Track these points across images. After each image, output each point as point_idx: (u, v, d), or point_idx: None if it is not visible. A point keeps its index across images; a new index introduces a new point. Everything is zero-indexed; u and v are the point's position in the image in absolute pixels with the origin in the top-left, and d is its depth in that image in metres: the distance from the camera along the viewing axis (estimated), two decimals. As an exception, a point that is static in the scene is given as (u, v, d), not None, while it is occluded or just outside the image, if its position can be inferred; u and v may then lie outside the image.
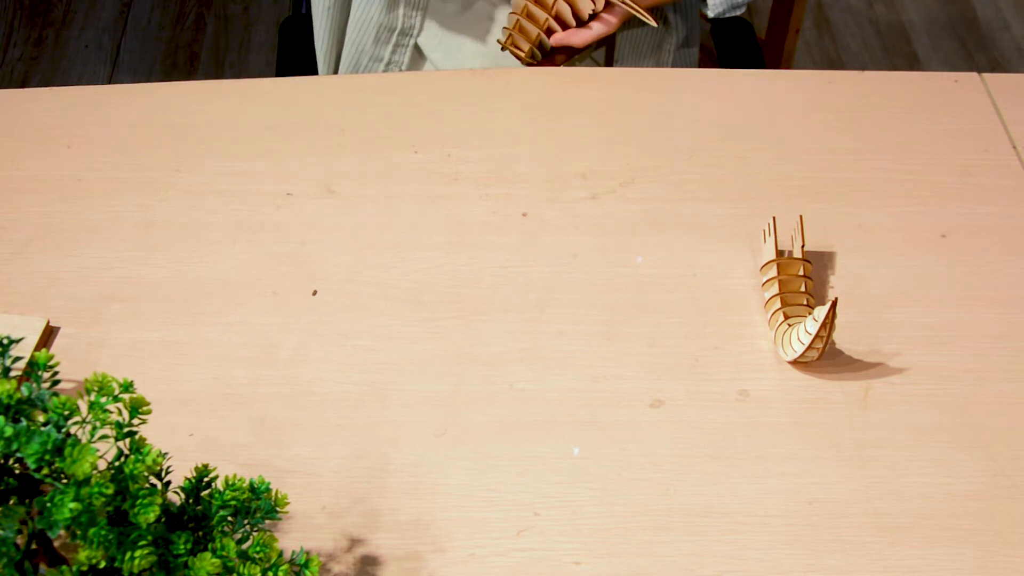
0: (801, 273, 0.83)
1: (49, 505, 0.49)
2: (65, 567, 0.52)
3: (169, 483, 0.58)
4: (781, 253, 0.85)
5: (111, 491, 0.50)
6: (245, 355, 0.80)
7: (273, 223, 0.89)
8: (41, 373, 0.55)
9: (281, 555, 0.57)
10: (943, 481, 0.74)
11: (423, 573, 0.69)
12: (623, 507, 0.72)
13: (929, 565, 0.69)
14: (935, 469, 0.74)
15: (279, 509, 0.58)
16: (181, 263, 0.87)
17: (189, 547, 0.54)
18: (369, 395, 0.78)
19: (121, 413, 0.55)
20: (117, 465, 0.53)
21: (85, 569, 0.51)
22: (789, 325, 0.79)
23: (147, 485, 0.53)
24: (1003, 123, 1.00)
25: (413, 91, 1.02)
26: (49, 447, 0.49)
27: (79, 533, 0.50)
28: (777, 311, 0.81)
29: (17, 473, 0.52)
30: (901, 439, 0.76)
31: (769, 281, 0.83)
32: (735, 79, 1.04)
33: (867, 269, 0.87)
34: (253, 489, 0.58)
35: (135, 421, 0.55)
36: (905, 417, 0.77)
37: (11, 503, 0.51)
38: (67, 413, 0.52)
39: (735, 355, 0.81)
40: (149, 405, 0.55)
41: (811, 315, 0.76)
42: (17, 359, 0.57)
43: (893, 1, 2.30)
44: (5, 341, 0.57)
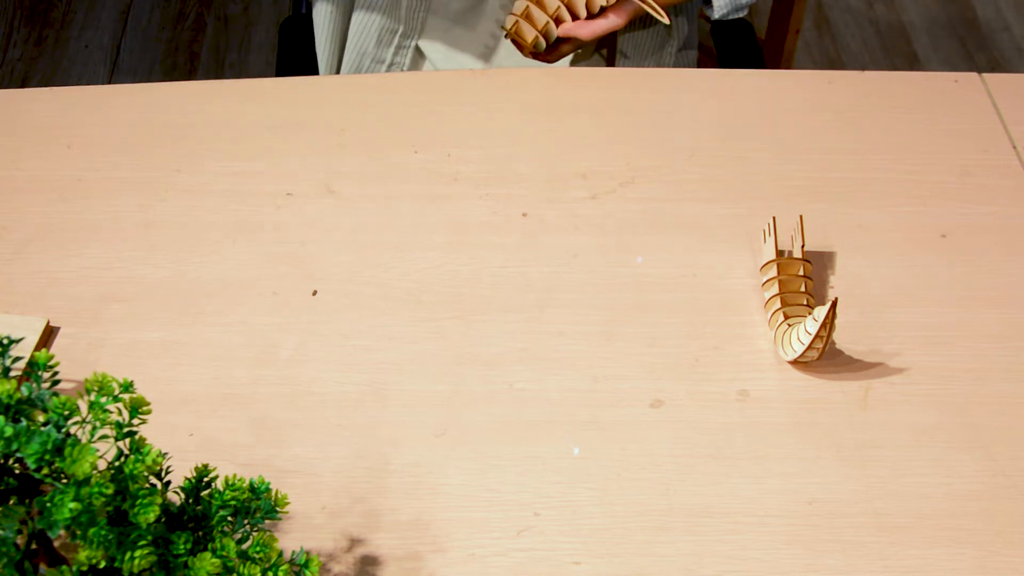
0: (801, 273, 0.83)
1: (49, 505, 0.49)
2: (65, 567, 0.52)
3: (169, 483, 0.58)
4: (781, 253, 0.85)
5: (111, 491, 0.50)
6: (245, 355, 0.80)
7: (273, 223, 0.89)
8: (41, 373, 0.55)
9: (281, 555, 0.57)
10: (943, 481, 0.74)
11: (423, 573, 0.69)
12: (623, 507, 0.72)
13: (929, 565, 0.69)
14: (935, 469, 0.74)
15: (279, 509, 0.58)
16: (181, 263, 0.87)
17: (189, 547, 0.54)
18: (369, 395, 0.78)
19: (121, 413, 0.55)
20: (117, 465, 0.53)
21: (85, 569, 0.51)
22: (789, 325, 0.79)
23: (147, 485, 0.53)
24: (1003, 123, 1.00)
25: (413, 91, 1.02)
26: (49, 447, 0.49)
27: (79, 533, 0.50)
28: (777, 311, 0.81)
29: (17, 473, 0.52)
30: (901, 439, 0.76)
31: (769, 281, 0.83)
32: (735, 79, 1.04)
33: (867, 269, 0.87)
34: (253, 489, 0.58)
35: (135, 421, 0.55)
36: (905, 417, 0.77)
37: (11, 503, 0.51)
38: (67, 413, 0.52)
39: (735, 355, 0.81)
40: (149, 405, 0.55)
41: (811, 315, 0.76)
42: (17, 359, 0.57)
43: (893, 1, 2.30)
44: (5, 341, 0.57)
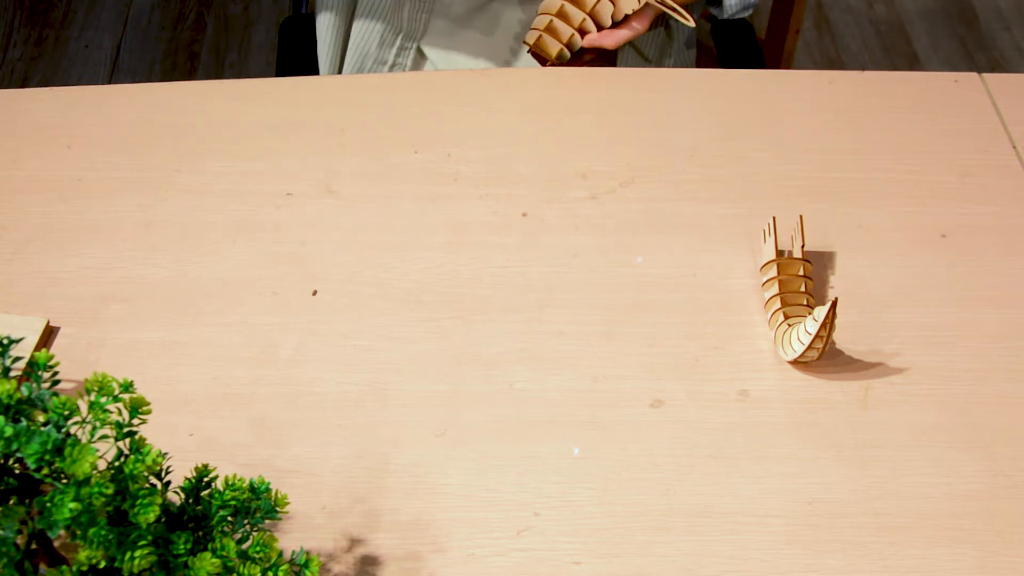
0: (801, 273, 0.83)
1: (49, 505, 0.49)
2: (65, 567, 0.52)
3: (169, 483, 0.58)
4: (781, 253, 0.85)
5: (111, 491, 0.50)
6: (245, 355, 0.80)
7: (273, 223, 0.89)
8: (41, 373, 0.55)
9: (281, 555, 0.57)
10: (943, 481, 0.74)
11: (423, 573, 0.69)
12: (623, 507, 0.72)
13: (929, 565, 0.69)
14: (935, 469, 0.74)
15: (279, 509, 0.58)
16: (181, 263, 0.87)
17: (189, 547, 0.54)
18: (369, 395, 0.78)
19: (121, 413, 0.55)
20: (117, 465, 0.53)
21: (85, 569, 0.51)
22: (789, 325, 0.79)
23: (147, 485, 0.53)
24: (1003, 123, 1.00)
25: (413, 91, 1.02)
26: (49, 447, 0.49)
27: (79, 533, 0.50)
28: (777, 311, 0.81)
29: (17, 473, 0.52)
30: (901, 439, 0.76)
31: (769, 281, 0.83)
32: (735, 79, 1.04)
33: (867, 269, 0.87)
34: (253, 489, 0.58)
35: (135, 421, 0.55)
36: (905, 417, 0.77)
37: (11, 503, 0.51)
38: (67, 413, 0.52)
39: (735, 355, 0.81)
40: (149, 405, 0.55)
41: (811, 315, 0.76)
42: (17, 359, 0.57)
43: (893, 1, 2.30)
44: (5, 341, 0.57)
